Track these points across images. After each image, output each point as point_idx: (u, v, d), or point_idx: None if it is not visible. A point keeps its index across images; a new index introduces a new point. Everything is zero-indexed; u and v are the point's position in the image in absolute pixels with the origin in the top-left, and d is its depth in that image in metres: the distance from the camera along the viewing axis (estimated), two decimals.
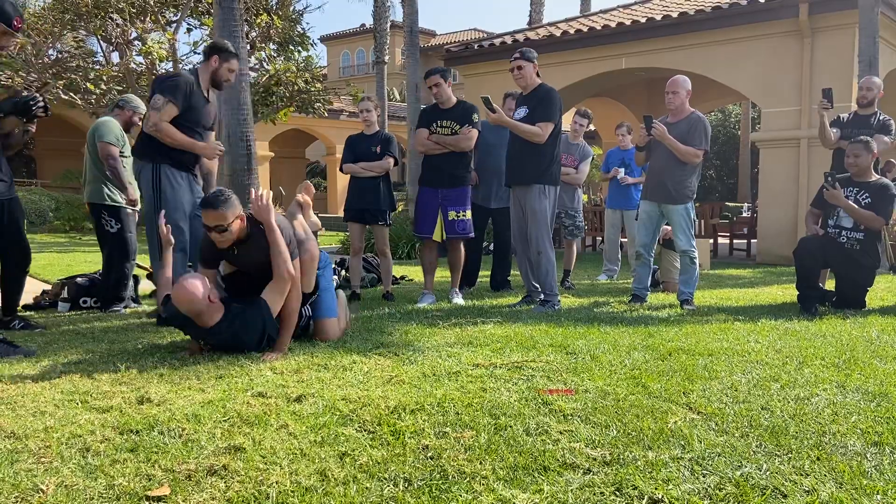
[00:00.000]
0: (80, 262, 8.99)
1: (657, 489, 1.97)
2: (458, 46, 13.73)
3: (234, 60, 4.63)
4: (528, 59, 5.10)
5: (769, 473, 2.07)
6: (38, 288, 5.89)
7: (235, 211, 3.52)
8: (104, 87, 14.21)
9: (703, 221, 11.86)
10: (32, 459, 2.18)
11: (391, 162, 5.85)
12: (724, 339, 3.96)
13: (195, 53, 16.68)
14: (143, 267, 5.87)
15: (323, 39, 41.35)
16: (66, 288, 5.41)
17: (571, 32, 11.96)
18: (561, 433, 2.38)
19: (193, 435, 2.35)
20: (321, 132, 23.37)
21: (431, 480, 2.03)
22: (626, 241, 8.18)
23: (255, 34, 14.98)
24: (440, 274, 5.91)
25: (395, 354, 3.51)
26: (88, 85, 14.12)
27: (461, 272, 5.74)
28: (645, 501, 1.92)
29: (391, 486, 2.01)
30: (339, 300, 4.17)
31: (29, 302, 5.38)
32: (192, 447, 2.26)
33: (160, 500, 1.93)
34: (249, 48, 14.25)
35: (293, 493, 1.96)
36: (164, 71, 15.57)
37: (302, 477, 2.05)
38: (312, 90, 15.52)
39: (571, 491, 1.97)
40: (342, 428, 2.43)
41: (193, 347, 3.64)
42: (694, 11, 10.53)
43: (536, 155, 5.06)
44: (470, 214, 5.54)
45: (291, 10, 15.57)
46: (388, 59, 19.89)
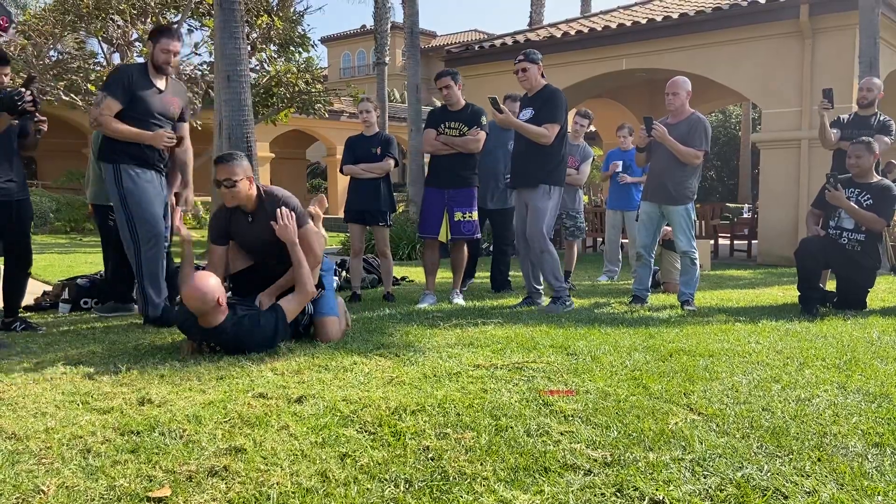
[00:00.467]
0: (80, 263, 8.99)
1: (658, 490, 1.97)
2: (458, 47, 13.73)
3: (164, 39, 4.39)
4: (532, 60, 5.11)
5: (770, 474, 2.07)
6: (38, 289, 5.89)
7: (246, 171, 3.76)
8: None
9: (703, 222, 11.87)
10: (33, 460, 2.18)
11: (391, 163, 5.86)
12: (724, 340, 3.96)
13: (196, 55, 16.70)
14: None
15: (323, 41, 41.39)
16: (66, 289, 5.40)
17: (572, 33, 11.97)
18: (562, 434, 2.38)
19: (194, 436, 2.36)
20: (322, 133, 23.37)
21: (432, 481, 2.04)
22: (626, 241, 8.18)
23: (255, 35, 14.98)
24: (441, 275, 5.91)
25: (395, 355, 3.51)
26: (89, 86, 14.12)
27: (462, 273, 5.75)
28: (646, 502, 1.92)
29: (392, 487, 2.01)
30: (338, 304, 4.19)
31: (30, 303, 5.37)
32: (192, 448, 2.26)
33: (161, 500, 1.93)
34: (250, 49, 14.25)
35: (294, 494, 1.96)
36: None
37: (303, 478, 2.06)
38: (313, 91, 15.52)
39: (572, 492, 1.97)
40: (343, 429, 2.43)
41: (187, 347, 3.66)
42: (694, 12, 10.54)
43: (542, 156, 5.06)
44: (476, 216, 5.55)
45: (292, 11, 15.55)
46: (388, 60, 19.87)
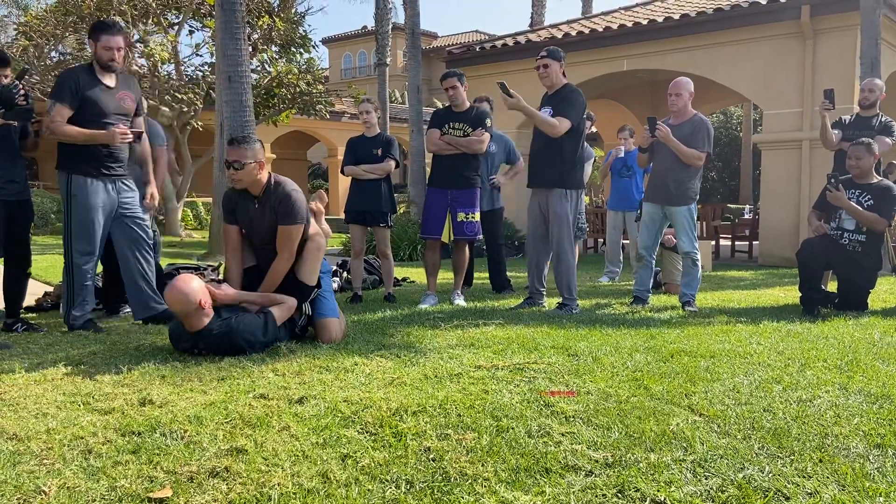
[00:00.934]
0: None
1: (659, 491, 1.97)
2: (459, 48, 13.72)
3: (104, 37, 4.24)
4: (555, 58, 5.07)
5: (771, 475, 2.07)
6: (39, 290, 5.89)
7: (255, 156, 3.79)
8: None
9: (704, 223, 11.85)
10: (35, 461, 2.18)
11: (392, 164, 5.86)
12: (726, 340, 3.96)
13: (197, 55, 16.73)
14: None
15: (325, 41, 41.43)
16: None
17: (573, 34, 11.96)
18: (563, 435, 2.38)
19: (195, 437, 2.35)
20: (323, 134, 23.37)
21: (433, 482, 2.03)
22: (627, 242, 8.18)
23: (257, 36, 15.00)
24: (442, 275, 5.91)
25: (396, 356, 3.51)
26: None
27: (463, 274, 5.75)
28: (647, 503, 1.92)
29: (393, 487, 2.01)
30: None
31: (31, 304, 5.37)
32: (193, 449, 2.26)
33: (162, 501, 1.93)
34: (251, 50, 14.26)
35: (295, 494, 1.96)
36: (165, 73, 15.62)
37: (304, 479, 2.05)
38: (314, 92, 15.54)
39: (573, 493, 1.97)
40: (344, 430, 2.43)
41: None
42: (695, 13, 10.53)
43: (559, 157, 5.03)
44: (479, 217, 5.55)
45: (293, 12, 15.57)
46: (389, 61, 19.85)
